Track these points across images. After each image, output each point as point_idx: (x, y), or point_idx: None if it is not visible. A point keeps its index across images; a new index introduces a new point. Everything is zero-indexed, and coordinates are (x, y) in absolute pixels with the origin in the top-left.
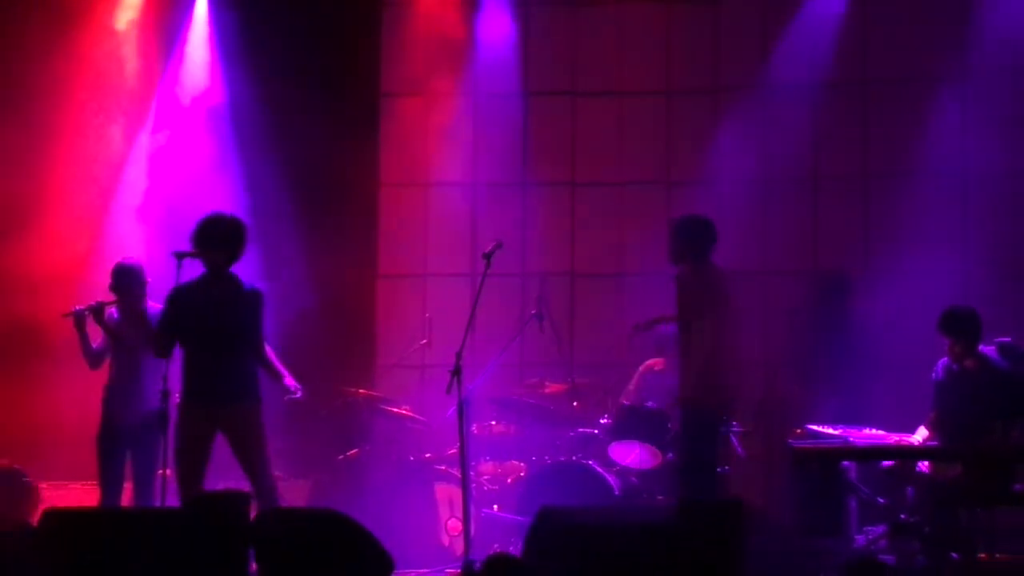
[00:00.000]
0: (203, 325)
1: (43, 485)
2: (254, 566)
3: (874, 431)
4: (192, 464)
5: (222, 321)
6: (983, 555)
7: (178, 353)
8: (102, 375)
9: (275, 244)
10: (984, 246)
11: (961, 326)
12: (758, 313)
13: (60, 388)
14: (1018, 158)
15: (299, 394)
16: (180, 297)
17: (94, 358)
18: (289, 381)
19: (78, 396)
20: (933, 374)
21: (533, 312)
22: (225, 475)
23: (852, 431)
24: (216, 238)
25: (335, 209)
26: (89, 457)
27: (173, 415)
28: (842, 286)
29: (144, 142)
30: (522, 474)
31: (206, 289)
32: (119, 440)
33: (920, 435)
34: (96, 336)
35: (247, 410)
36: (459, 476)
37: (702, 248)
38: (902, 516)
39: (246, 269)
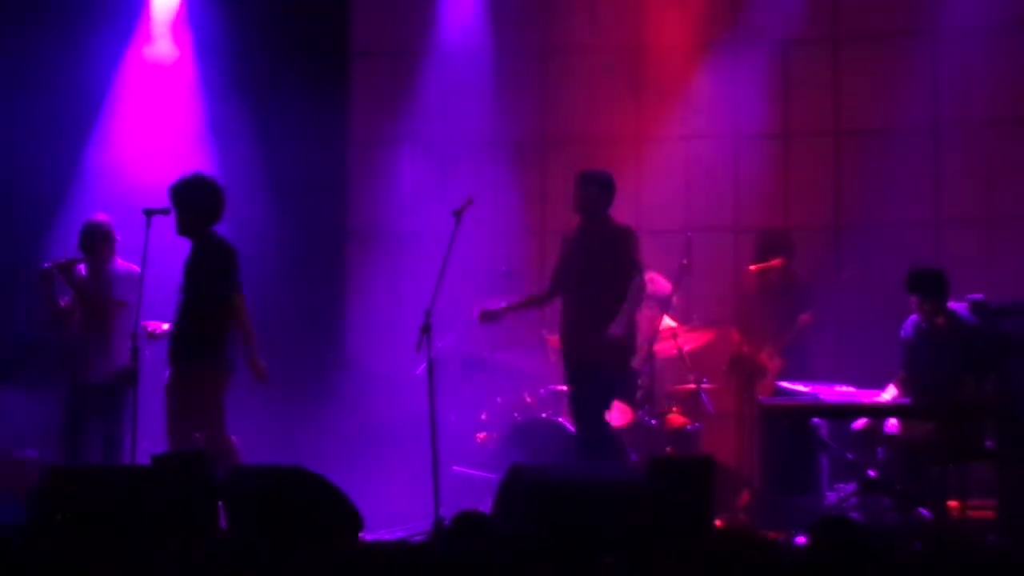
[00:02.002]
0: (180, 288)
1: None
2: (224, 523)
3: (845, 388)
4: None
5: (184, 282)
6: (954, 511)
7: (147, 312)
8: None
9: (243, 203)
10: (956, 201)
11: (927, 284)
12: (728, 270)
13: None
14: (989, 112)
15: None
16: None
17: (61, 315)
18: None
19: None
20: (902, 332)
21: (503, 269)
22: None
23: (823, 388)
24: (188, 200)
25: (304, 168)
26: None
27: (142, 372)
28: (781, 245)
29: (113, 99)
30: (493, 432)
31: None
32: (86, 397)
33: (889, 394)
34: (63, 293)
35: (186, 373)
36: (429, 434)
37: (607, 204)
38: (870, 473)
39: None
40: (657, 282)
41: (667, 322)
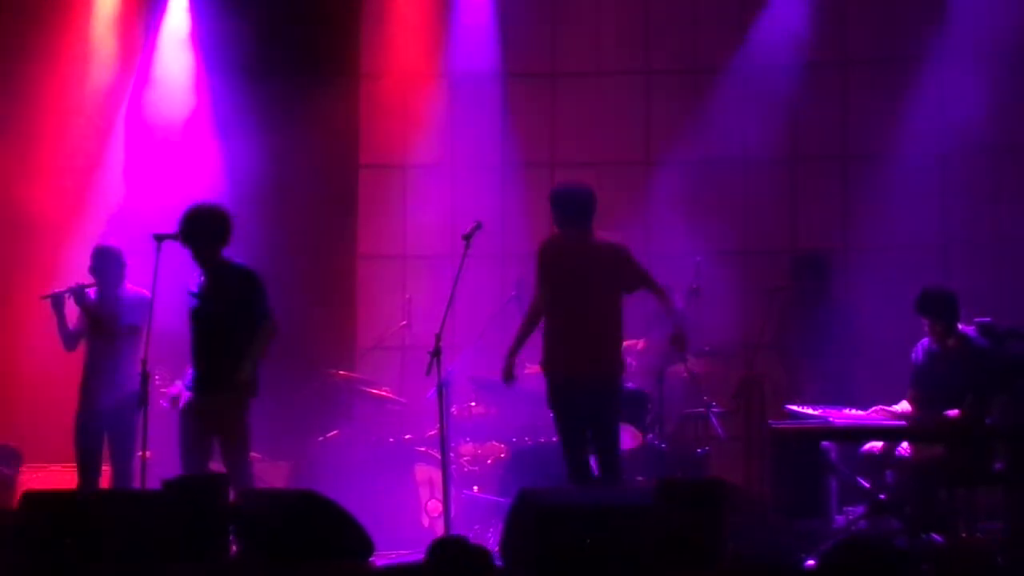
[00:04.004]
0: (195, 314)
1: (21, 467)
2: (234, 548)
3: (854, 412)
4: (190, 452)
5: (208, 310)
6: (963, 534)
7: (157, 335)
8: (79, 356)
9: (253, 225)
10: (962, 223)
11: (937, 306)
12: (737, 293)
13: (38, 370)
14: (995, 135)
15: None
16: (191, 288)
17: (70, 340)
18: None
19: (56, 378)
20: (912, 355)
21: (513, 294)
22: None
23: (832, 412)
24: (198, 228)
25: (313, 191)
26: (67, 439)
27: (152, 396)
28: (819, 265)
29: (122, 124)
30: (502, 455)
31: (201, 278)
32: (97, 422)
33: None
34: (72, 317)
35: (227, 400)
36: (439, 457)
37: (565, 218)
38: (880, 496)
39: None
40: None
41: None
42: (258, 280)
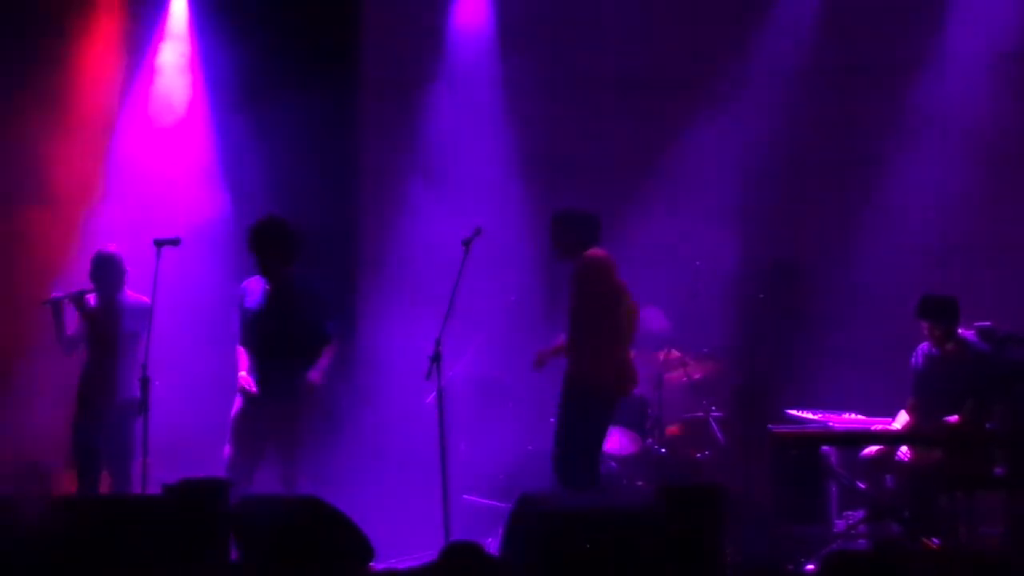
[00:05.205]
0: (255, 323)
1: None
2: (234, 553)
3: (854, 416)
4: (244, 457)
5: (271, 322)
6: (963, 539)
7: (157, 341)
8: (74, 362)
9: None
10: (963, 228)
11: (938, 310)
12: (736, 298)
13: (36, 374)
14: (994, 139)
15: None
16: (243, 298)
17: (68, 345)
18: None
19: (52, 383)
20: (912, 359)
21: (513, 298)
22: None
23: (832, 416)
24: (269, 242)
25: (315, 197)
26: (64, 445)
27: (153, 401)
28: (791, 274)
29: (121, 128)
30: (502, 460)
31: (265, 290)
32: (95, 427)
33: (900, 421)
34: (72, 323)
35: (285, 408)
36: (439, 462)
37: (587, 237)
38: (881, 501)
39: (227, 263)
40: (652, 319)
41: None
42: (323, 298)
